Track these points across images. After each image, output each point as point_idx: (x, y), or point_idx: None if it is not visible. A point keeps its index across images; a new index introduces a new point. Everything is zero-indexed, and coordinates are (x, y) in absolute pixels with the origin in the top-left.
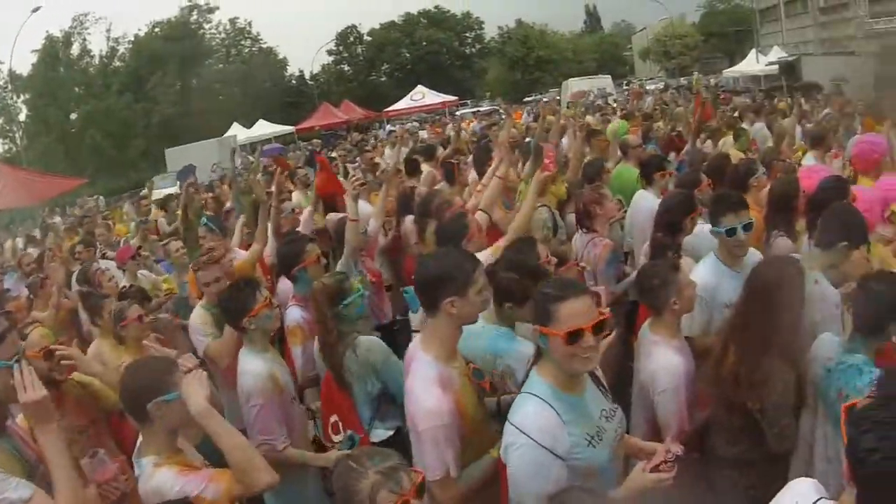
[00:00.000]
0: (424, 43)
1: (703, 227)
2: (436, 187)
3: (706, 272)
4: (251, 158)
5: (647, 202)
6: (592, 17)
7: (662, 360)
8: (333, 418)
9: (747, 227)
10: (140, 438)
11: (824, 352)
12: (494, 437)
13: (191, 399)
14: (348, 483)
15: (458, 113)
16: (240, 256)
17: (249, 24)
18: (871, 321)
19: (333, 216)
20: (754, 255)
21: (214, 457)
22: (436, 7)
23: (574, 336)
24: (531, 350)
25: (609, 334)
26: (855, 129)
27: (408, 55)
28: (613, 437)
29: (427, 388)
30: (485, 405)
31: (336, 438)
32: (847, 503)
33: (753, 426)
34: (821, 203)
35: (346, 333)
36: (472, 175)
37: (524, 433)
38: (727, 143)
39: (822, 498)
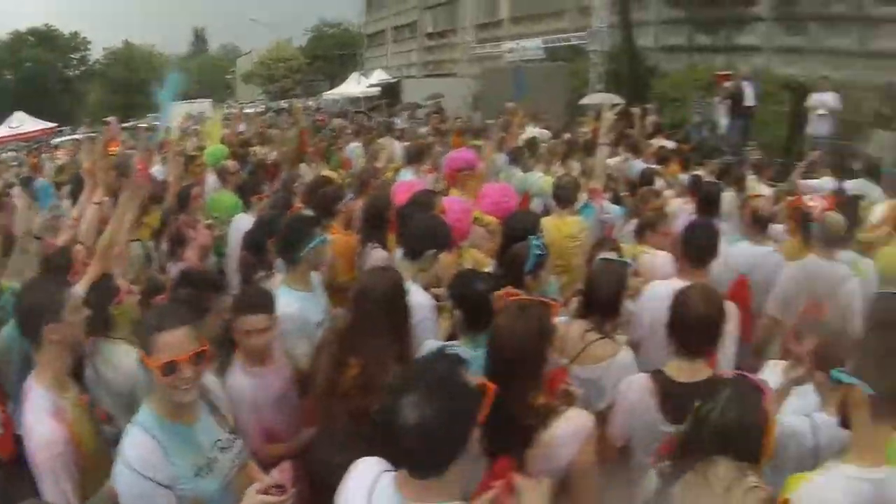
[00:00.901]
0: (28, 63)
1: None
2: None
3: (286, 302)
4: None
5: (244, 225)
6: (199, 39)
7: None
8: None
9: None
10: None
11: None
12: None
13: None
14: None
15: (54, 141)
16: None
17: None
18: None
19: None
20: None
21: None
22: (45, 25)
23: (169, 367)
24: None
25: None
26: (449, 145)
27: (9, 77)
28: (228, 467)
29: (40, 418)
30: (101, 435)
31: None
32: None
33: None
34: (408, 216)
35: None
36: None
37: (126, 463)
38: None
39: (385, 471)
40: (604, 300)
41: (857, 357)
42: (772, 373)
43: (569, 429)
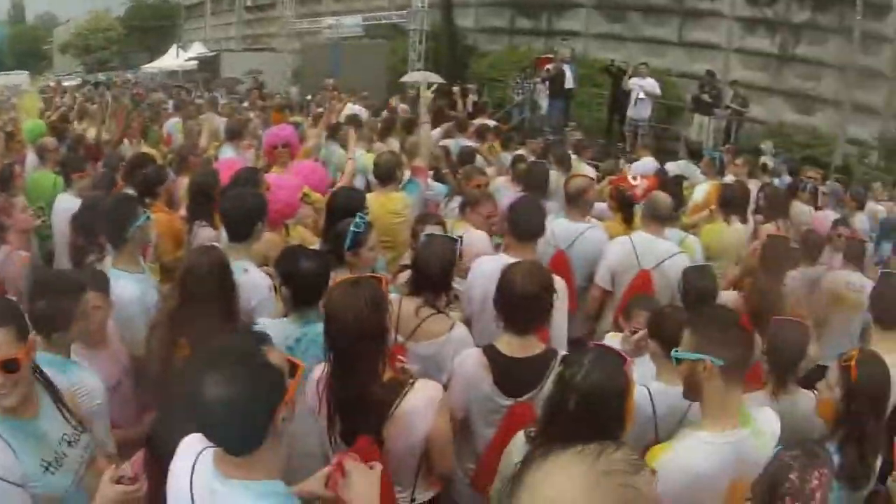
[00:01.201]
0: None
1: None
2: None
3: (123, 285)
4: None
5: (67, 204)
6: (16, 8)
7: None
8: None
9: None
10: None
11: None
12: None
13: None
14: None
15: None
16: None
17: None
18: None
19: None
20: None
21: None
22: None
23: None
24: None
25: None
26: (269, 122)
27: None
28: (78, 462)
29: None
30: None
31: None
32: None
33: None
34: (231, 196)
35: None
36: None
37: None
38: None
39: (207, 447)
40: (434, 276)
41: (697, 329)
42: (610, 344)
43: (421, 400)
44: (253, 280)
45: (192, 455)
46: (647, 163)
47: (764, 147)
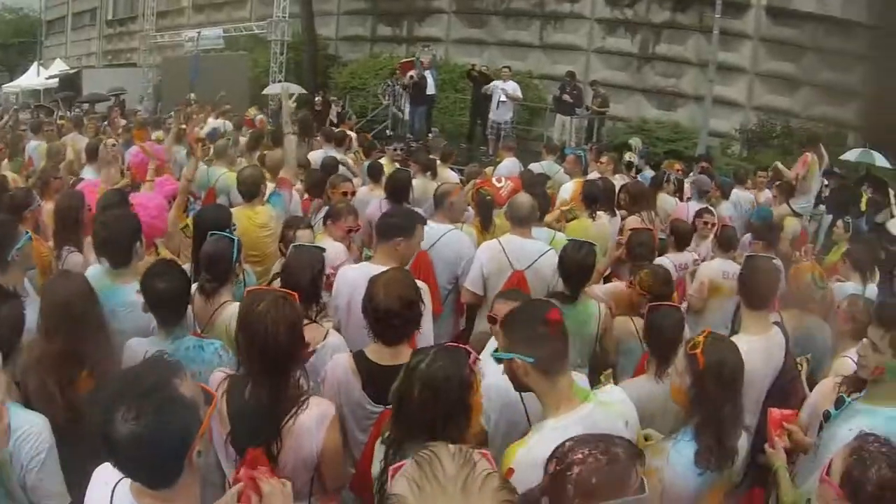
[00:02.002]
0: None
1: None
2: None
3: None
4: None
5: None
6: None
7: None
8: None
9: None
10: None
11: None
12: None
13: None
14: None
15: None
16: None
17: None
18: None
19: None
20: None
21: None
22: None
23: None
24: None
25: None
26: (130, 140)
27: None
28: None
29: None
30: None
31: None
32: None
33: None
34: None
35: None
36: None
37: None
38: (3, 165)
39: (123, 478)
40: (303, 285)
41: (506, 331)
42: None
43: (313, 417)
44: (135, 302)
45: (110, 486)
46: (510, 164)
47: (633, 143)
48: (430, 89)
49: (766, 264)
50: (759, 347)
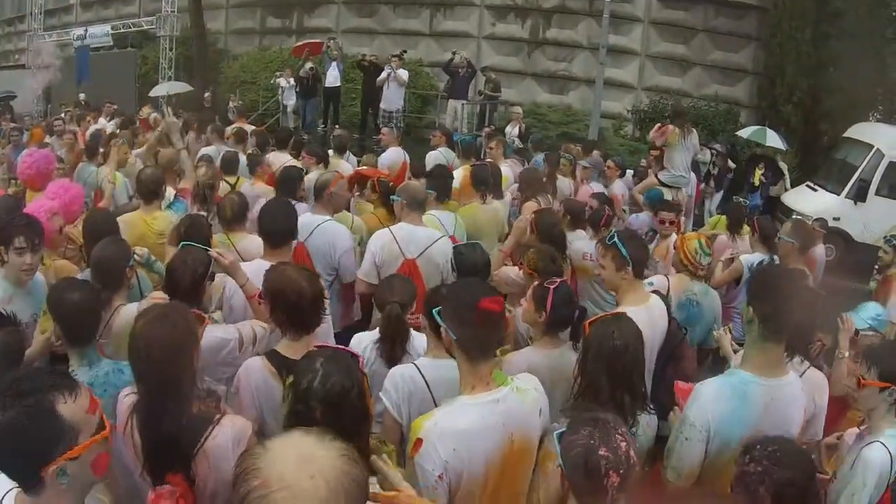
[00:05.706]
0: None
1: None
2: None
3: None
4: None
5: None
6: None
7: None
8: None
9: None
10: None
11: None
12: None
13: None
14: None
15: None
16: None
17: None
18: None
19: None
20: None
21: None
22: None
23: None
24: None
25: None
26: (24, 144)
27: None
28: None
29: None
30: None
31: None
32: None
33: None
34: None
35: None
36: None
37: None
38: None
39: (11, 489)
40: (186, 285)
41: (444, 301)
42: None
43: (228, 437)
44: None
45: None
46: (395, 152)
47: (509, 129)
48: (337, 81)
49: (634, 233)
50: (642, 318)
